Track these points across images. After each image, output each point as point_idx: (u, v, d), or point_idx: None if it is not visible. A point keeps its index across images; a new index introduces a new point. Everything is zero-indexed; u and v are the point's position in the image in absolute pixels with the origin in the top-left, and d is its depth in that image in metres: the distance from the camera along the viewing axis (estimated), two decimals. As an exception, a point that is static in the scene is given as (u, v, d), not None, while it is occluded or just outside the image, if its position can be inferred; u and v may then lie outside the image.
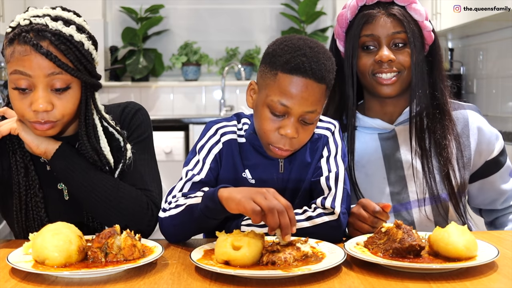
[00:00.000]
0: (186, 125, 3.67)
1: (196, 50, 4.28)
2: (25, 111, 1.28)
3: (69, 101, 1.29)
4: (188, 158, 1.38)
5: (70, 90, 1.29)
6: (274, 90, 1.25)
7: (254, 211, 1.07)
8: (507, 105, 3.51)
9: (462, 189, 1.53)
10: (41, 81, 1.25)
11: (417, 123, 1.51)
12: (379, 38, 1.46)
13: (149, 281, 1.04)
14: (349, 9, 1.51)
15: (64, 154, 1.33)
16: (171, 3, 4.33)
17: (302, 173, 1.37)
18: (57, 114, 1.28)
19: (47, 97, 1.26)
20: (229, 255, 1.07)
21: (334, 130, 1.41)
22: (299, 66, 1.23)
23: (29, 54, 1.23)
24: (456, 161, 1.51)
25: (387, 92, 1.48)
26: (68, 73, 1.26)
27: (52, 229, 1.10)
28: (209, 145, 1.36)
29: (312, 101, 1.25)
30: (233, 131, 1.39)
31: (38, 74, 1.24)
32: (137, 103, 1.50)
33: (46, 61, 1.24)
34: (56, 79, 1.26)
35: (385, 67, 1.46)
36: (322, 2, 4.35)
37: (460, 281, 1.02)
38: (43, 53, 1.23)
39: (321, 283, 1.02)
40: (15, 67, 1.25)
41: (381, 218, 1.27)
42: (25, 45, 1.24)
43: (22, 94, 1.27)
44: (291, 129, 1.25)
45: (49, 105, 1.26)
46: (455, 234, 1.09)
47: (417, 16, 1.48)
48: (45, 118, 1.27)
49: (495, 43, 3.65)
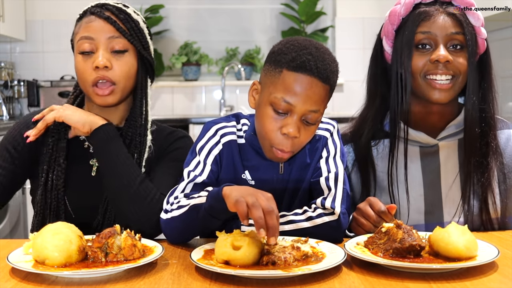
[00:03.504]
0: (186, 125, 3.66)
1: (196, 50, 4.27)
2: (87, 73, 1.42)
3: (126, 64, 1.45)
4: (188, 158, 1.37)
5: (127, 55, 1.45)
6: (278, 88, 1.24)
7: (240, 211, 1.07)
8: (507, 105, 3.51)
9: (504, 214, 1.43)
10: (102, 43, 1.42)
11: (467, 139, 1.41)
12: (436, 37, 1.37)
13: (149, 281, 1.04)
14: (404, 5, 1.41)
15: (107, 129, 1.43)
16: (171, 3, 4.33)
17: (301, 174, 1.37)
18: (116, 74, 1.43)
19: (107, 55, 1.42)
20: (229, 255, 1.06)
21: (333, 131, 1.41)
22: (304, 64, 1.22)
23: (93, 21, 1.44)
24: (497, 184, 1.42)
25: (439, 98, 1.37)
26: (125, 38, 1.44)
27: (52, 229, 1.10)
28: (209, 146, 1.36)
29: (316, 100, 1.24)
30: (233, 132, 1.38)
31: (99, 36, 1.42)
32: (186, 132, 1.60)
33: (107, 25, 1.43)
34: (115, 42, 1.43)
35: (440, 68, 1.36)
36: (322, 2, 4.34)
37: (460, 281, 1.02)
38: (105, 17, 1.43)
39: (321, 283, 1.02)
40: (80, 34, 1.44)
41: (385, 219, 1.27)
42: (90, 15, 1.45)
43: (85, 57, 1.43)
44: (293, 127, 1.24)
45: (108, 62, 1.41)
46: (455, 234, 1.09)
47: (474, 20, 1.39)
48: (105, 75, 1.41)
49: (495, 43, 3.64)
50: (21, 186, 1.55)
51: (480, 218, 1.41)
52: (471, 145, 1.41)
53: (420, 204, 1.44)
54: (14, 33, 3.85)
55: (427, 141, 1.45)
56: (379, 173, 1.48)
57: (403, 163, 1.43)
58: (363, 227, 1.29)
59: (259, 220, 1.05)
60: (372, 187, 1.47)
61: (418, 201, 1.44)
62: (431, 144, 1.46)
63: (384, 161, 1.47)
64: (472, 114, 1.40)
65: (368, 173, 1.48)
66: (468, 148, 1.41)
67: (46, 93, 3.98)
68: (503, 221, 1.43)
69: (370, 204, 1.29)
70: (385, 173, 1.46)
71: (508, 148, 1.47)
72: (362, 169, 1.48)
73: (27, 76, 4.10)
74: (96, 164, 1.48)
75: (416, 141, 1.46)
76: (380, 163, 1.48)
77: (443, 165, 1.45)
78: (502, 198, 1.43)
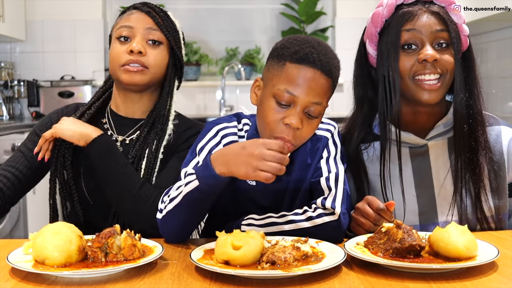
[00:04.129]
0: (186, 125, 3.66)
1: (196, 50, 4.28)
2: (120, 55, 1.49)
3: (160, 54, 1.52)
4: (187, 159, 1.36)
5: (162, 47, 1.53)
6: (281, 80, 1.25)
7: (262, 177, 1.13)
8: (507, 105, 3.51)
9: (498, 211, 1.43)
10: (140, 32, 1.50)
11: (456, 137, 1.41)
12: (422, 36, 1.36)
13: (149, 281, 1.04)
14: (387, 7, 1.41)
15: (101, 141, 1.47)
16: (171, 3, 4.33)
17: (302, 174, 1.37)
18: (149, 60, 1.49)
19: (143, 42, 1.50)
20: (229, 255, 1.06)
21: (334, 131, 1.41)
22: (307, 56, 1.24)
23: (134, 13, 1.53)
24: (489, 181, 1.42)
25: (429, 99, 1.37)
26: (162, 32, 1.53)
27: (52, 229, 1.10)
28: (209, 146, 1.35)
29: (319, 92, 1.25)
30: (234, 133, 1.38)
31: (138, 26, 1.51)
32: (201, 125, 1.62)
33: (147, 17, 1.52)
34: (152, 33, 1.51)
35: (428, 68, 1.35)
36: (322, 2, 4.34)
37: (460, 281, 1.02)
38: (146, 11, 1.52)
39: (321, 283, 1.02)
40: (120, 24, 1.52)
41: (384, 217, 1.27)
42: (132, 9, 1.55)
43: (121, 43, 1.51)
44: (296, 119, 1.24)
45: (143, 49, 1.48)
46: (455, 234, 1.09)
47: (456, 18, 1.40)
48: (138, 59, 1.48)
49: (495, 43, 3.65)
50: (45, 174, 1.62)
51: (474, 216, 1.41)
52: (461, 142, 1.41)
53: (413, 204, 1.44)
54: (14, 33, 3.86)
55: (416, 142, 1.45)
56: (371, 176, 1.47)
57: (394, 164, 1.43)
58: (362, 226, 1.29)
59: (273, 168, 1.12)
60: (366, 190, 1.46)
61: (411, 202, 1.44)
62: (421, 145, 1.46)
63: (375, 164, 1.47)
64: (460, 111, 1.40)
65: (360, 177, 1.48)
66: (458, 145, 1.41)
67: (46, 93, 3.98)
68: (498, 218, 1.43)
69: (368, 203, 1.29)
70: (376, 175, 1.45)
71: (497, 145, 1.46)
72: (354, 173, 1.48)
73: (27, 76, 4.10)
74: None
75: (405, 142, 1.45)
76: (371, 166, 1.48)
77: (433, 164, 1.45)
78: (495, 195, 1.43)
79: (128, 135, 1.57)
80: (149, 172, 1.50)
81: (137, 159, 1.51)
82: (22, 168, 1.54)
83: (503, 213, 1.45)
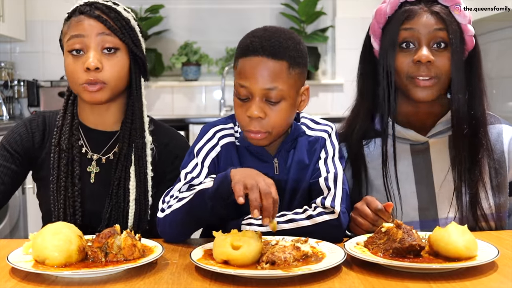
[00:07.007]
0: (186, 125, 3.66)
1: (196, 50, 4.28)
2: (77, 74, 1.40)
3: (117, 64, 1.42)
4: (185, 160, 1.38)
5: (119, 54, 1.43)
6: (236, 76, 1.31)
7: (236, 191, 1.11)
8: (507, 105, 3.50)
9: (498, 209, 1.44)
10: (92, 40, 1.39)
11: (455, 137, 1.42)
12: (419, 35, 1.37)
13: (149, 281, 1.04)
14: (389, 3, 1.43)
15: None
16: (171, 3, 4.33)
17: (300, 175, 1.37)
18: (106, 74, 1.40)
19: (98, 55, 1.39)
20: (229, 255, 1.06)
21: (331, 132, 1.42)
22: (248, 47, 1.27)
23: (82, 20, 1.41)
24: (489, 179, 1.43)
25: (422, 96, 1.38)
26: (116, 36, 1.41)
27: (52, 229, 1.10)
28: (207, 148, 1.37)
29: (270, 78, 1.25)
30: (231, 134, 1.39)
31: (89, 33, 1.40)
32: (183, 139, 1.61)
33: (97, 23, 1.40)
34: (106, 40, 1.40)
35: (422, 70, 1.37)
36: (322, 2, 4.34)
37: (460, 281, 1.02)
38: (95, 16, 1.40)
39: (321, 283, 1.02)
40: (70, 33, 1.41)
41: (382, 217, 1.27)
42: (79, 15, 1.42)
43: (75, 57, 1.41)
44: (256, 109, 1.26)
45: (99, 63, 1.38)
46: (455, 234, 1.09)
47: (460, 18, 1.40)
48: (95, 77, 1.38)
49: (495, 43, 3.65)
50: (19, 187, 1.56)
51: (474, 214, 1.41)
52: (459, 141, 1.42)
53: (413, 201, 1.44)
54: (14, 33, 3.85)
55: (417, 139, 1.46)
56: (370, 170, 1.48)
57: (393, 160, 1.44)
58: (361, 227, 1.29)
59: (254, 201, 1.10)
60: (364, 186, 1.47)
61: (411, 198, 1.44)
62: (421, 142, 1.47)
63: (376, 159, 1.48)
64: (458, 112, 1.41)
65: (359, 171, 1.49)
66: (457, 144, 1.42)
67: (46, 93, 3.98)
68: (498, 216, 1.44)
69: (367, 203, 1.29)
70: (377, 171, 1.46)
71: (498, 143, 1.47)
72: (354, 167, 1.49)
73: (27, 76, 4.10)
74: (94, 170, 1.48)
75: (406, 139, 1.47)
76: (372, 162, 1.48)
77: (434, 162, 1.46)
78: (495, 193, 1.43)
79: (103, 153, 1.50)
80: (143, 191, 1.46)
81: (123, 180, 1.45)
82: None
83: (503, 211, 1.45)
